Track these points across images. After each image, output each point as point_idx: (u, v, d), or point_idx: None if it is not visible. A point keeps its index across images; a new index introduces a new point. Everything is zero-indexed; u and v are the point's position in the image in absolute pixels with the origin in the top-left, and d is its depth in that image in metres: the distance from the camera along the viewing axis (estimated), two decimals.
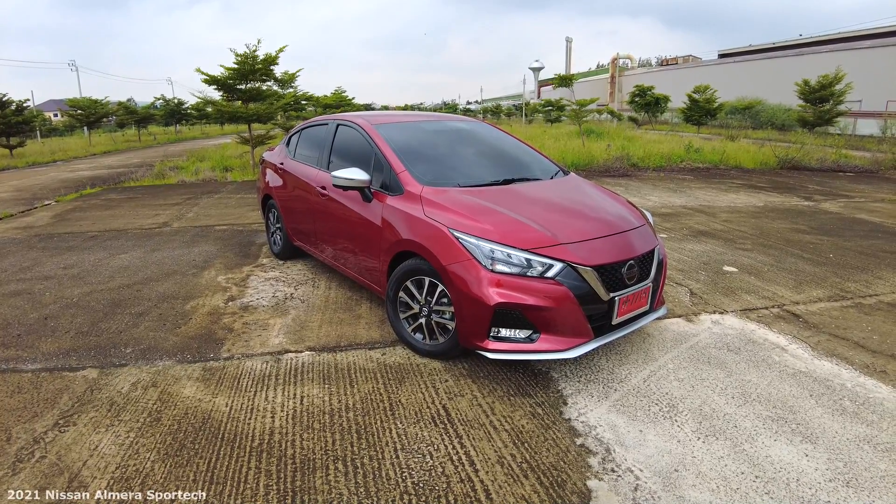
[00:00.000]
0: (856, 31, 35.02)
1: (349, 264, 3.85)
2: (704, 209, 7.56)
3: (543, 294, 2.61)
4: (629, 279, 2.84)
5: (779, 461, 2.20)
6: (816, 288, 4.26)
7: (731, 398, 2.67)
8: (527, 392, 2.73)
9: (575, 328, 2.67)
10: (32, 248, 5.73)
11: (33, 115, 22.61)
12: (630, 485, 2.07)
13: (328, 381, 2.83)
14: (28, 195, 9.84)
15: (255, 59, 11.26)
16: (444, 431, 2.40)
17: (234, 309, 3.85)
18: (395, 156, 3.46)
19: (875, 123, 22.48)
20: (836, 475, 2.12)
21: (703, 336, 3.39)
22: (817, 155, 12.89)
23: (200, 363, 3.05)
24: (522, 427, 2.43)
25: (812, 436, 2.37)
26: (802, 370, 2.96)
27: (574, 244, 2.76)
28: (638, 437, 2.36)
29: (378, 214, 3.34)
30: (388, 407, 2.60)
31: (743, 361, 3.05)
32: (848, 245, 5.57)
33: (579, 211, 3.19)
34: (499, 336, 2.70)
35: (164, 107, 33.09)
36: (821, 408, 2.60)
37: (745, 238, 5.86)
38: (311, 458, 2.21)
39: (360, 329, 3.49)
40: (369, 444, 2.30)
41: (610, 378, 2.87)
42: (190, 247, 5.63)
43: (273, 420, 2.49)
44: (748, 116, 27.85)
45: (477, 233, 2.77)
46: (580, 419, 2.50)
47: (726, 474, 2.12)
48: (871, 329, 3.50)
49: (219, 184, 10.69)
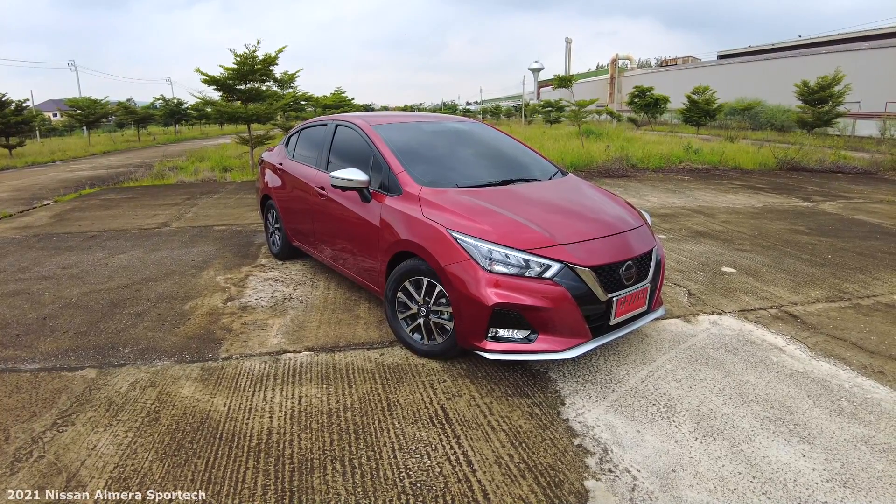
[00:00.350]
0: (855, 33, 35.08)
1: (348, 265, 3.86)
2: (703, 210, 7.57)
3: (541, 294, 2.61)
4: (627, 280, 2.85)
5: (776, 461, 2.21)
6: (815, 289, 4.27)
7: (729, 399, 2.68)
8: (525, 392, 2.74)
9: (573, 328, 2.68)
10: (31, 248, 5.73)
11: (32, 114, 22.60)
12: (627, 485, 2.07)
13: (326, 382, 2.83)
14: (27, 195, 9.84)
15: (255, 59, 11.26)
16: (442, 431, 2.40)
17: (233, 309, 3.86)
18: (393, 156, 3.46)
19: (874, 124, 22.50)
20: (834, 475, 2.13)
21: (701, 337, 3.39)
22: (816, 156, 12.91)
23: (199, 363, 3.05)
24: (520, 427, 2.44)
25: (809, 436, 2.38)
26: (800, 371, 2.97)
27: (572, 245, 2.76)
28: (635, 437, 2.37)
29: (377, 215, 3.35)
30: (386, 407, 2.60)
31: (741, 362, 3.06)
32: (846, 246, 5.58)
33: (577, 212, 3.20)
34: (497, 336, 2.70)
35: (164, 107, 33.08)
36: (818, 408, 2.60)
37: (744, 239, 5.87)
38: (309, 458, 2.21)
39: (359, 329, 3.49)
40: (367, 444, 2.31)
41: (608, 378, 2.87)
42: (189, 247, 5.63)
43: (271, 420, 2.49)
44: (747, 117, 27.88)
45: (475, 233, 2.77)
46: (578, 419, 2.50)
47: (724, 475, 2.13)
48: (869, 330, 3.50)
49: (218, 184, 10.69)
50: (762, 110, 27.83)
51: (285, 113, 18.05)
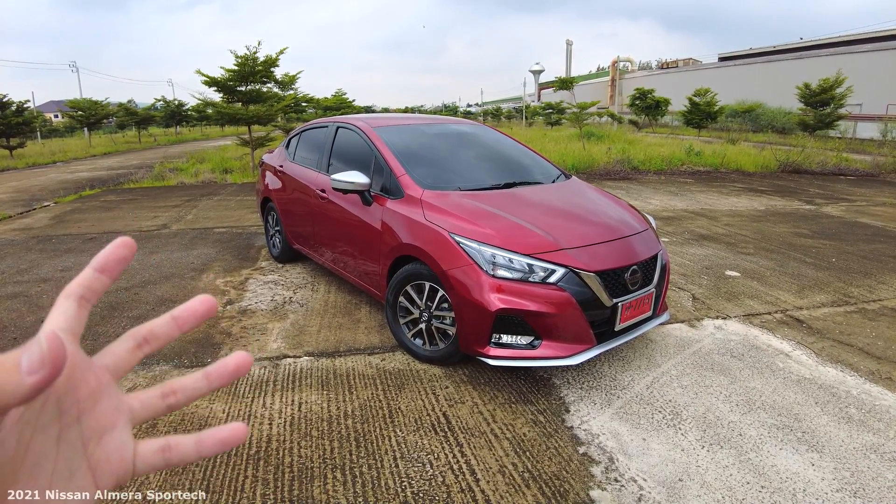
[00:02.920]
0: (856, 35, 35.07)
1: (349, 268, 3.82)
2: (706, 213, 7.53)
3: (545, 300, 2.57)
4: (632, 285, 2.81)
5: (785, 471, 2.17)
6: (819, 293, 4.23)
7: (736, 405, 2.64)
8: (528, 399, 2.70)
9: (577, 334, 2.64)
10: (30, 249, 5.70)
11: (33, 115, 22.56)
12: (634, 495, 2.03)
13: (327, 388, 2.80)
14: (27, 196, 9.81)
15: (255, 60, 11.24)
16: (445, 439, 2.36)
17: (233, 313, 3.82)
18: (395, 159, 3.43)
19: (875, 127, 22.46)
20: (844, 485, 2.09)
21: (706, 342, 3.36)
22: (818, 158, 12.88)
23: (198, 368, 3.01)
24: (524, 435, 2.40)
25: (818, 444, 2.34)
26: (807, 377, 2.93)
27: (576, 249, 2.73)
28: (641, 445, 2.33)
29: (378, 218, 3.31)
30: (387, 414, 2.56)
31: (747, 368, 3.02)
32: (850, 249, 5.54)
33: (581, 215, 3.16)
34: (500, 342, 2.66)
35: (165, 108, 33.08)
36: (826, 415, 2.56)
37: (747, 242, 5.83)
38: (309, 467, 2.17)
39: (360, 334, 3.46)
40: (368, 453, 2.27)
41: (612, 385, 2.83)
42: (188, 249, 5.60)
43: (271, 427, 2.45)
44: (748, 119, 27.84)
45: (478, 237, 2.74)
46: (583, 427, 2.46)
47: (731, 484, 2.09)
48: (876, 335, 3.46)
49: (218, 186, 10.66)
50: (763, 112, 27.80)
51: (286, 115, 18.03)
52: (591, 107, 16.78)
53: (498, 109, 50.59)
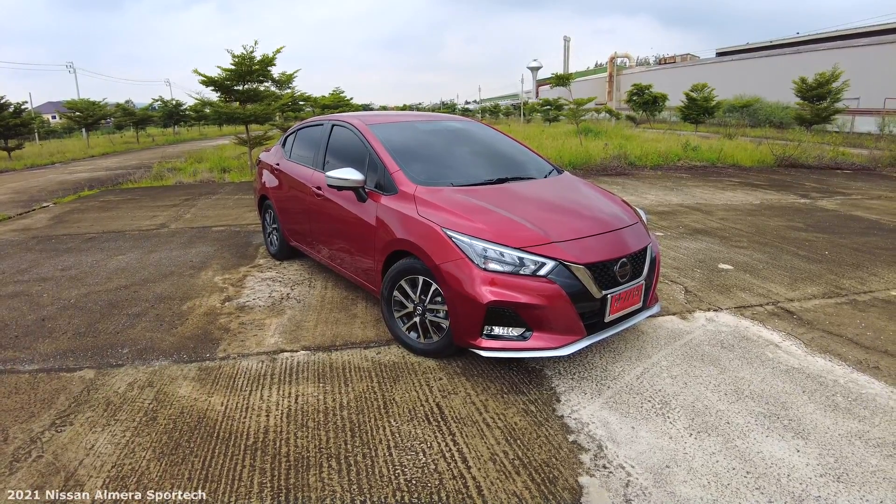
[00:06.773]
0: (853, 29, 35.06)
1: (345, 264, 3.87)
2: (701, 207, 7.58)
3: (536, 292, 2.62)
4: (621, 277, 2.86)
5: (770, 457, 2.22)
6: (811, 285, 4.28)
7: (724, 395, 2.69)
8: (520, 389, 2.75)
9: (567, 326, 2.69)
10: (30, 249, 5.74)
11: (31, 117, 22.61)
12: (621, 481, 2.08)
13: (323, 380, 2.85)
14: (26, 197, 9.85)
15: (253, 59, 11.27)
16: (438, 429, 2.41)
17: (231, 309, 3.87)
18: (389, 156, 3.47)
19: (873, 121, 22.48)
20: (827, 470, 2.14)
21: (696, 333, 3.41)
22: (815, 152, 12.91)
23: (196, 363, 3.06)
24: (515, 424, 2.45)
25: (804, 431, 2.39)
26: (796, 367, 2.98)
27: (566, 242, 2.77)
28: (630, 433, 2.38)
29: (372, 214, 3.36)
30: (382, 405, 2.61)
31: (736, 358, 3.07)
32: (844, 242, 5.58)
33: (572, 209, 3.21)
34: (492, 334, 2.71)
35: (163, 108, 33.09)
36: (813, 404, 2.61)
37: (741, 236, 5.88)
38: (306, 456, 2.22)
39: (356, 328, 3.50)
40: (363, 442, 2.32)
41: (603, 375, 2.88)
42: (187, 248, 5.64)
43: (268, 419, 2.50)
44: (746, 114, 27.86)
45: (470, 231, 2.78)
46: (573, 416, 2.51)
47: (717, 470, 2.14)
48: (866, 325, 3.51)
49: (216, 185, 10.70)
50: (761, 107, 27.82)
51: (283, 113, 18.05)
52: (588, 103, 16.78)
53: (496, 106, 50.58)
